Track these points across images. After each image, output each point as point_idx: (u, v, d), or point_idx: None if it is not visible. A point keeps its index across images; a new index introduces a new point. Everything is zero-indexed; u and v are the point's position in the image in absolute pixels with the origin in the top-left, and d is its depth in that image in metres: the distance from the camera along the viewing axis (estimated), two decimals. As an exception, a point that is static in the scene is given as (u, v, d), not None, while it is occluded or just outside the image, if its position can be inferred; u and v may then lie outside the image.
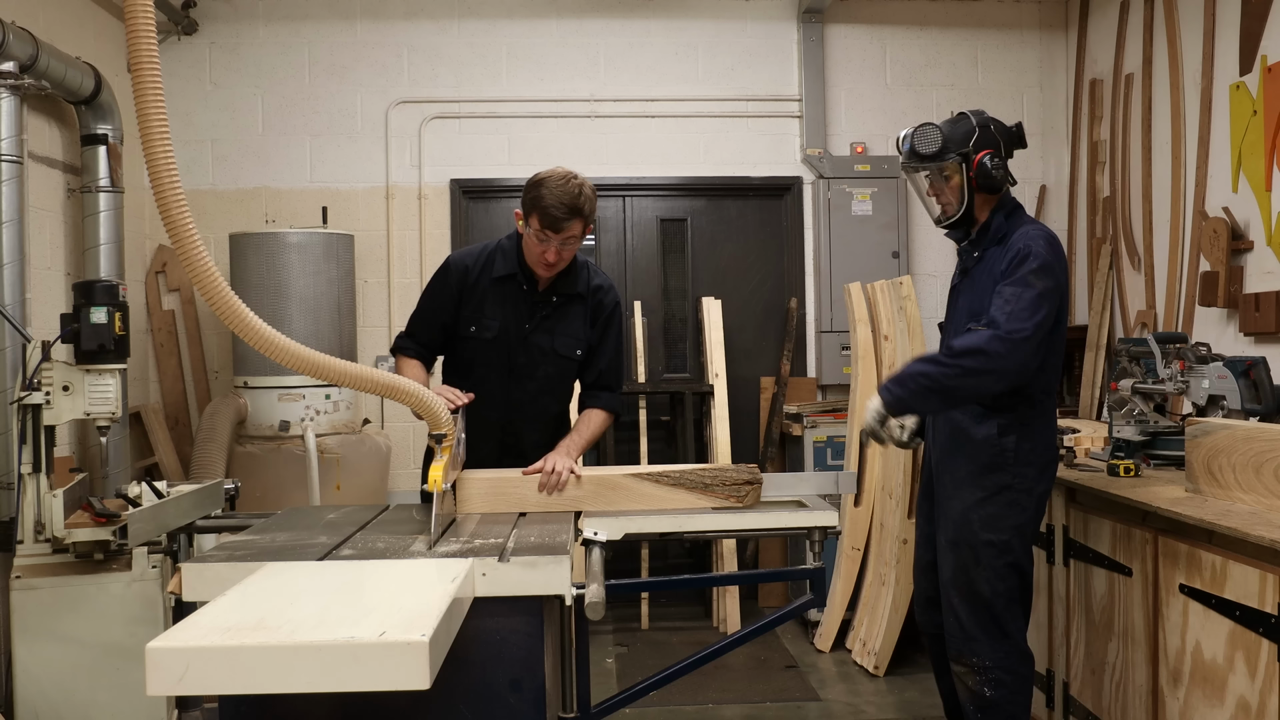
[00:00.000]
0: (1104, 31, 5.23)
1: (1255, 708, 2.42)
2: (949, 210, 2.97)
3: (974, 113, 2.97)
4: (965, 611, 2.91)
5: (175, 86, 5.34)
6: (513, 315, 3.02)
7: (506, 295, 3.02)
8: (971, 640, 2.90)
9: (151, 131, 1.95)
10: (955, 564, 2.93)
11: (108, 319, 3.30)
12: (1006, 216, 2.95)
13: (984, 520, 2.88)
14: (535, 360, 3.03)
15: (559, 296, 3.04)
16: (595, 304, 3.08)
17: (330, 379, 2.28)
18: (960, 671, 2.94)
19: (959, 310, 3.02)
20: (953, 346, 2.75)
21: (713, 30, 5.61)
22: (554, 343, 3.04)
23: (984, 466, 2.89)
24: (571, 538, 2.36)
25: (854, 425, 4.73)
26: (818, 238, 5.53)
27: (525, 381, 3.04)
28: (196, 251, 2.01)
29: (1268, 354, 3.37)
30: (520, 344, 3.02)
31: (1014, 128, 3.00)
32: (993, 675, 2.87)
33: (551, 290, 3.03)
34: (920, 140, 2.92)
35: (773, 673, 4.42)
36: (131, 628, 3.24)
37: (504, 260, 3.03)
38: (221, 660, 1.53)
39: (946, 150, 2.90)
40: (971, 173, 2.89)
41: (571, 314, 3.06)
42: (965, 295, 3.00)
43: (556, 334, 3.04)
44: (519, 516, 2.62)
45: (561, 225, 2.84)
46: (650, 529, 2.62)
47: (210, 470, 4.59)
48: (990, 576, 2.88)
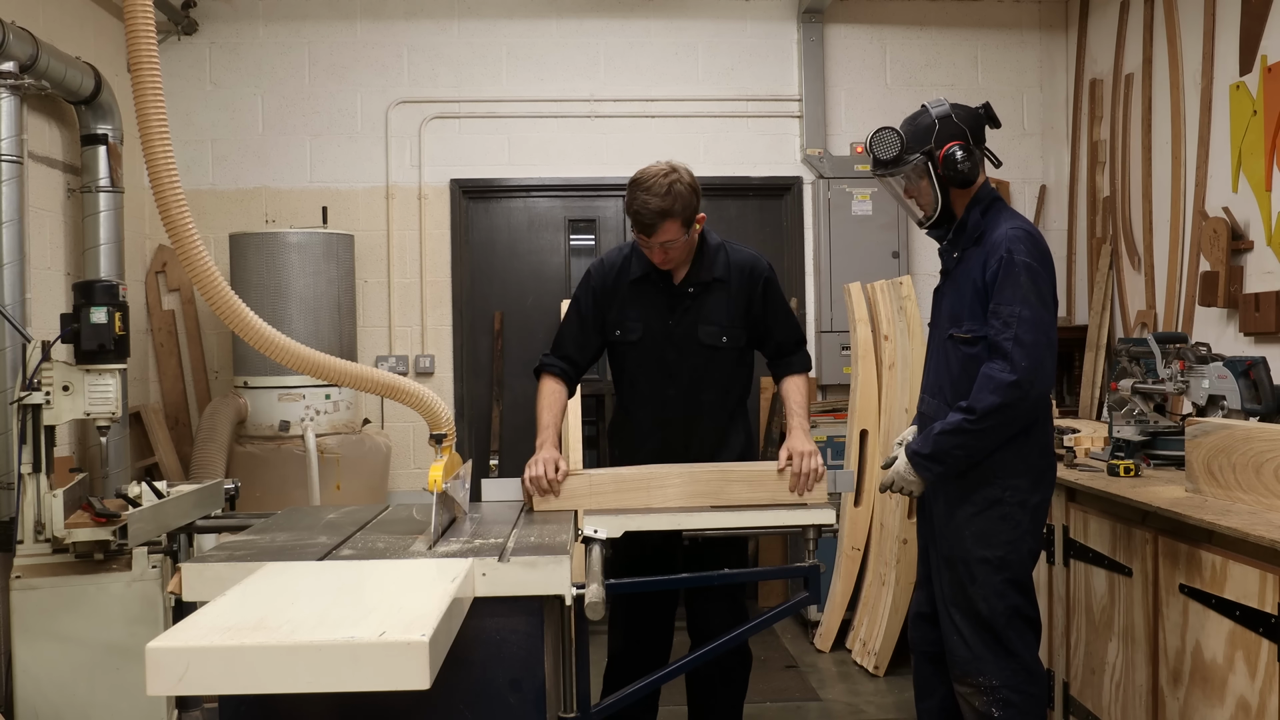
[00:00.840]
0: (1104, 31, 5.23)
1: (1255, 708, 2.42)
2: (927, 211, 2.82)
3: (933, 104, 2.79)
4: (968, 630, 2.73)
5: (175, 86, 5.34)
6: (654, 314, 3.00)
7: (644, 295, 3.01)
8: (978, 660, 2.71)
9: (151, 131, 1.95)
10: (951, 581, 2.77)
11: (108, 319, 3.29)
12: (983, 212, 2.78)
13: (976, 536, 2.71)
14: (683, 354, 3.00)
15: (695, 286, 2.99)
16: (747, 281, 3.01)
17: (330, 379, 2.29)
18: (966, 692, 2.74)
19: (941, 314, 2.89)
20: (975, 409, 2.62)
21: (712, 30, 5.61)
22: (698, 333, 3.00)
23: (972, 481, 2.72)
24: (571, 538, 2.36)
25: (854, 425, 4.73)
26: (818, 238, 5.54)
27: (678, 377, 3.01)
28: (196, 251, 2.01)
29: (1268, 354, 3.37)
30: (666, 341, 3.00)
31: (980, 109, 2.83)
32: (1000, 695, 2.69)
33: (687, 281, 3.00)
34: (878, 146, 2.77)
35: (773, 672, 4.42)
36: (131, 628, 3.24)
37: (638, 261, 3.01)
38: (221, 660, 1.53)
39: (908, 151, 2.74)
40: (939, 169, 2.73)
41: (712, 302, 3.00)
42: (948, 298, 2.85)
43: (700, 324, 3.00)
44: (519, 516, 2.62)
45: (652, 230, 2.83)
46: (650, 527, 2.62)
47: (210, 470, 4.59)
48: (988, 594, 2.70)
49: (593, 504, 2.69)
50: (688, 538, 2.83)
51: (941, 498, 2.81)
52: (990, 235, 2.71)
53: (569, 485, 2.71)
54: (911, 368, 4.45)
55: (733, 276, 3.00)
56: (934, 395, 2.85)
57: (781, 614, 2.86)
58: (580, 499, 2.70)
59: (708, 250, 3.01)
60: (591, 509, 2.68)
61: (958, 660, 2.76)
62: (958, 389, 2.73)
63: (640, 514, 2.63)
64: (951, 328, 2.78)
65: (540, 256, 5.67)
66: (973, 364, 2.70)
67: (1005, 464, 2.71)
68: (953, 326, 2.78)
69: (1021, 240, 2.65)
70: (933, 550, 2.87)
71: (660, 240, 2.85)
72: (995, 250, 2.66)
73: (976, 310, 2.70)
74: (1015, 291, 2.61)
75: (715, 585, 2.90)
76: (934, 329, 2.92)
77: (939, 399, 2.82)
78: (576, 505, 2.69)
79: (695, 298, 2.99)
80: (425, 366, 5.47)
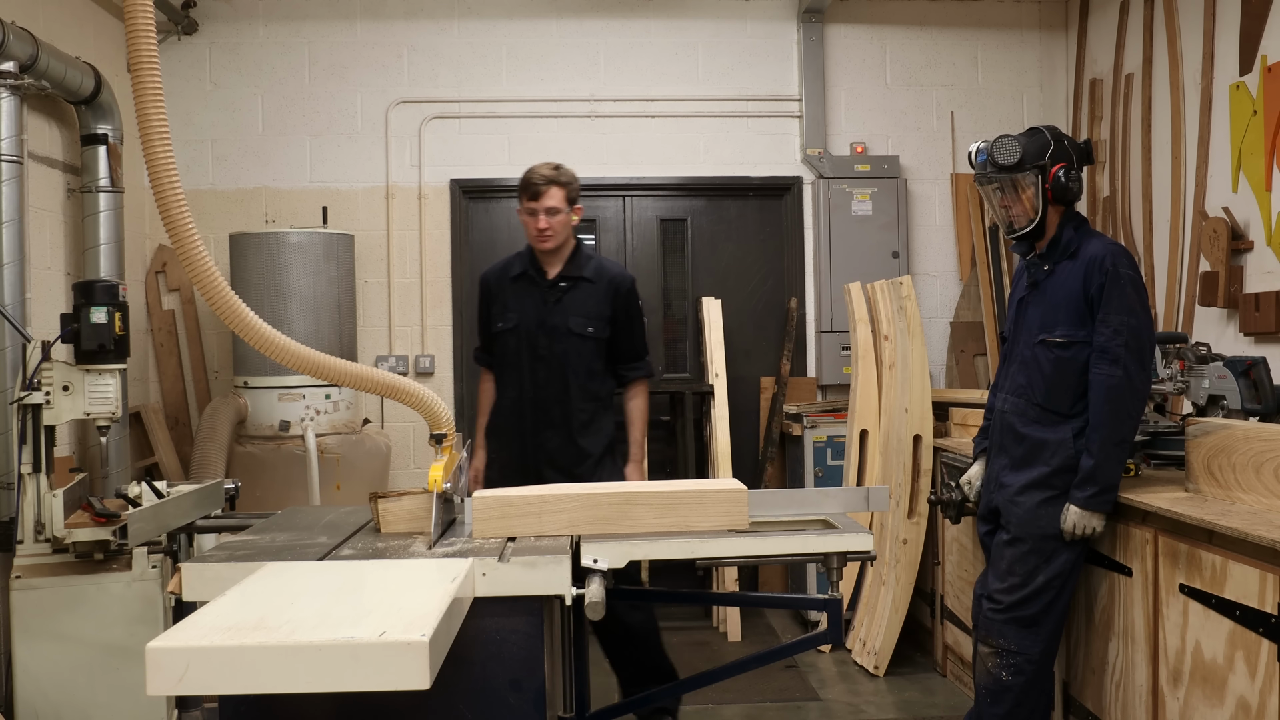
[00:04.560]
0: (1104, 31, 5.23)
1: (1255, 708, 2.42)
2: (1019, 223, 3.06)
3: (1047, 128, 3.06)
4: (1011, 597, 3.01)
5: (175, 86, 5.34)
6: (530, 304, 3.50)
7: (523, 289, 3.53)
8: (1004, 624, 3.02)
9: (151, 131, 1.95)
10: (1015, 556, 3.03)
11: (108, 319, 3.30)
12: (1075, 229, 3.04)
13: (1051, 517, 2.99)
14: (554, 340, 3.46)
15: (567, 281, 3.49)
16: (612, 288, 3.52)
17: (330, 378, 2.29)
18: (984, 652, 3.07)
19: (1028, 322, 3.12)
20: (1104, 423, 2.90)
21: (712, 30, 5.61)
22: (568, 322, 3.46)
23: (1056, 470, 3.00)
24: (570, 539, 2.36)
25: (854, 425, 4.73)
26: (818, 238, 5.53)
27: (549, 360, 3.47)
28: (196, 251, 2.01)
29: (1268, 354, 3.37)
30: (539, 328, 3.47)
31: (1084, 144, 3.10)
32: (1013, 661, 3.00)
33: (560, 277, 3.50)
34: (1000, 151, 3.00)
35: (773, 672, 4.42)
36: (131, 628, 3.24)
37: (519, 262, 3.57)
38: (221, 660, 1.53)
39: (1024, 162, 2.99)
40: (1047, 185, 2.99)
41: (581, 297, 3.49)
42: (1035, 308, 3.09)
43: (570, 315, 3.47)
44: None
45: (540, 193, 3.37)
46: (659, 554, 2.35)
47: (210, 470, 4.59)
48: (1050, 568, 2.99)
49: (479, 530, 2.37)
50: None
51: (1016, 489, 3.06)
52: (1085, 250, 3.00)
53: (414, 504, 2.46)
54: (911, 368, 4.45)
55: (601, 280, 3.52)
56: (1019, 395, 3.11)
57: (800, 647, 2.88)
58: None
59: (581, 254, 3.55)
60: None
61: (987, 622, 3.08)
62: (1050, 387, 3.02)
63: (646, 540, 2.35)
64: (1042, 334, 3.05)
65: (540, 256, 5.66)
66: (1065, 365, 3.00)
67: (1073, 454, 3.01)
68: (1043, 333, 3.04)
69: (1122, 255, 2.95)
70: (997, 539, 3.15)
71: (546, 205, 3.38)
72: (1096, 264, 2.94)
73: (1072, 318, 2.99)
74: (1122, 302, 2.90)
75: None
76: (1017, 335, 3.18)
77: (1023, 398, 3.09)
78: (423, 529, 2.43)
79: (567, 291, 3.49)
80: (425, 366, 5.47)
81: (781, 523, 2.53)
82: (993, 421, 3.25)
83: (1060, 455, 3.00)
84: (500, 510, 2.36)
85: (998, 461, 3.19)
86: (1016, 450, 3.10)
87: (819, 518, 2.56)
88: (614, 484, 2.61)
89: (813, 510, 2.59)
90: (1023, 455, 3.08)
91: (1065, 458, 2.99)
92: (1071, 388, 2.99)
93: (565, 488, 2.51)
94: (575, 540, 2.31)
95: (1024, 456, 3.07)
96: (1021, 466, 3.08)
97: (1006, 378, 3.20)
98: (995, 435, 3.22)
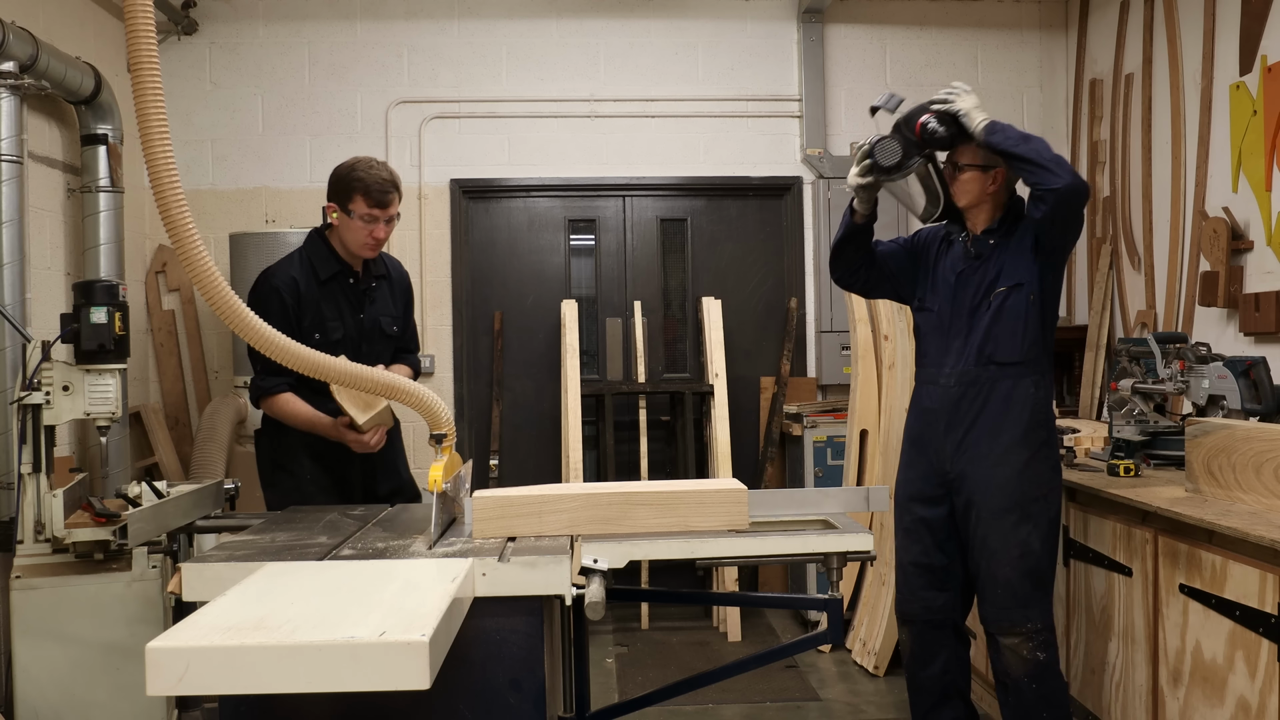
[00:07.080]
0: (1104, 31, 5.23)
1: (1255, 708, 2.42)
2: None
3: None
4: (1018, 578, 2.94)
5: (175, 86, 5.34)
6: (348, 309, 3.19)
7: (335, 294, 3.17)
8: (1025, 606, 2.95)
9: (151, 131, 1.95)
10: (1004, 531, 2.95)
11: (108, 319, 3.29)
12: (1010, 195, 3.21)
13: (1033, 479, 2.96)
14: (373, 344, 3.22)
15: (375, 280, 3.25)
16: (402, 282, 3.33)
17: (330, 379, 2.28)
18: (1013, 644, 2.96)
19: (970, 289, 3.04)
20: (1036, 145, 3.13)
21: (712, 30, 5.61)
22: (380, 324, 3.24)
23: (1027, 426, 2.97)
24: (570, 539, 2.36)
25: (854, 425, 4.73)
26: (818, 238, 5.53)
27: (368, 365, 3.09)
28: (196, 251, 2.01)
29: (1268, 354, 3.37)
30: (360, 334, 3.20)
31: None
32: (1043, 636, 2.96)
33: (366, 276, 3.23)
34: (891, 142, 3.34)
35: (772, 672, 4.42)
36: (131, 628, 3.24)
37: (322, 262, 3.15)
38: (221, 660, 1.53)
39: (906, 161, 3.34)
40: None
41: (384, 295, 3.28)
42: (976, 275, 3.06)
43: (380, 316, 3.25)
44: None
45: (389, 200, 3.05)
46: (659, 554, 2.32)
47: (210, 470, 4.59)
48: (1044, 534, 2.96)
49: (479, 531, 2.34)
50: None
51: (991, 459, 2.97)
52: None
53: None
54: (911, 368, 4.44)
55: (393, 275, 3.32)
56: (974, 364, 3.01)
57: (799, 647, 2.84)
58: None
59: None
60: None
61: (1005, 613, 2.96)
62: (993, 336, 2.99)
63: (646, 540, 2.32)
64: (986, 296, 3.01)
65: (540, 256, 5.67)
66: (1008, 313, 2.99)
67: (1048, 406, 3.01)
68: (988, 295, 3.01)
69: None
70: (972, 516, 3.01)
71: (392, 213, 3.08)
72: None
73: (1019, 266, 3.00)
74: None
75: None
76: (956, 309, 3.07)
77: (977, 365, 3.00)
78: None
79: (376, 290, 3.25)
80: (425, 367, 5.46)
81: (781, 523, 2.52)
82: (937, 403, 3.06)
83: (1028, 411, 2.97)
84: (500, 510, 2.36)
85: (950, 437, 3.03)
86: (981, 418, 2.98)
87: (819, 518, 2.55)
88: (614, 484, 2.62)
89: (813, 510, 2.57)
90: (990, 424, 2.97)
91: (1032, 411, 2.97)
92: (1018, 332, 2.97)
93: (566, 488, 2.51)
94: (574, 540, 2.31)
95: (992, 426, 2.97)
96: (993, 434, 2.97)
97: (948, 352, 3.06)
98: (943, 414, 3.04)
